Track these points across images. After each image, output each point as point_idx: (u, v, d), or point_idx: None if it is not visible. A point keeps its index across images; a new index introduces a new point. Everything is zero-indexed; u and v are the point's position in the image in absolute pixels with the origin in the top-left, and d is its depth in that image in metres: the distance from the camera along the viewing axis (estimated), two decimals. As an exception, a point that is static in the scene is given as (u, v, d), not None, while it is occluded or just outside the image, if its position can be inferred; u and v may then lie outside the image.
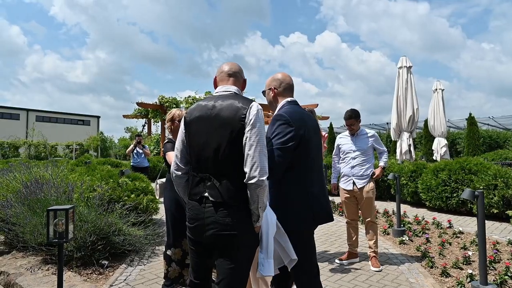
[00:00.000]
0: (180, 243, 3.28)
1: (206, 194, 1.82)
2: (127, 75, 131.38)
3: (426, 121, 17.54)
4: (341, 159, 4.29)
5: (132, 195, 4.83)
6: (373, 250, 4.03)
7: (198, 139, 1.87)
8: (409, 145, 10.01)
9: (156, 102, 16.11)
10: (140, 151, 8.38)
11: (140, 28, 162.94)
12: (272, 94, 2.34)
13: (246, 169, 1.74)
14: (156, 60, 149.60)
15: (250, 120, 1.78)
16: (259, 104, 1.93)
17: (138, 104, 15.80)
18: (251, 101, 1.89)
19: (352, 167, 4.11)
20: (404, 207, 7.70)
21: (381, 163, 4.28)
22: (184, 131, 1.97)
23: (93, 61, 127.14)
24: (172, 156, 3.44)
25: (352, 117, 4.12)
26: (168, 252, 3.25)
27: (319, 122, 4.32)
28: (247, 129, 1.77)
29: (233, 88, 1.99)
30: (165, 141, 3.54)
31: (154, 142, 17.77)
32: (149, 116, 16.84)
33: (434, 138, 12.18)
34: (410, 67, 10.71)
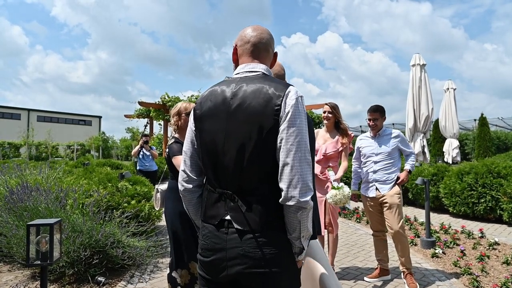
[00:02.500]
0: (187, 265, 2.73)
1: (228, 217, 1.30)
2: (128, 76, 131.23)
3: (435, 122, 17.04)
4: (362, 163, 3.76)
5: (133, 201, 4.34)
6: (405, 267, 3.47)
7: (213, 141, 1.34)
8: (423, 147, 9.52)
9: (158, 102, 15.62)
10: (147, 152, 7.31)
11: (142, 29, 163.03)
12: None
13: (282, 185, 1.23)
14: (157, 60, 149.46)
15: (287, 113, 1.24)
16: None
17: (140, 103, 15.31)
18: (288, 85, 1.33)
19: (375, 171, 3.57)
20: (422, 212, 7.17)
21: (407, 166, 3.66)
22: (193, 129, 1.44)
23: (95, 61, 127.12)
24: (180, 161, 2.91)
25: (378, 110, 3.60)
26: (174, 274, 2.72)
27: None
28: (282, 126, 1.24)
29: (261, 67, 1.41)
30: (171, 142, 2.97)
31: (156, 142, 17.27)
32: (151, 115, 16.34)
33: (443, 139, 11.71)
34: (424, 65, 10.22)
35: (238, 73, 1.43)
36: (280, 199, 1.24)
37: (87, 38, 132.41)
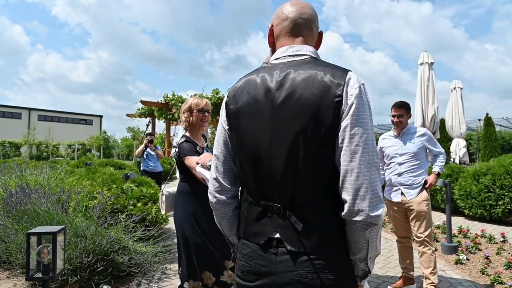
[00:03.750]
0: (199, 275, 2.48)
1: (278, 235, 1.07)
2: (129, 75, 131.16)
3: (441, 122, 16.83)
4: (385, 164, 3.50)
5: (139, 204, 4.09)
6: (431, 281, 3.15)
7: (255, 143, 1.09)
8: (433, 147, 9.31)
9: (161, 100, 15.39)
10: (152, 152, 6.87)
11: (142, 28, 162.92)
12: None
13: (346, 196, 0.99)
14: (158, 60, 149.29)
15: (350, 106, 1.00)
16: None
17: (142, 102, 15.06)
18: (346, 70, 1.07)
19: (399, 174, 3.30)
20: (437, 215, 6.94)
21: (435, 168, 3.38)
22: (226, 128, 1.19)
23: (95, 61, 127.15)
24: (193, 162, 2.63)
25: (404, 106, 3.34)
26: (186, 286, 2.47)
27: None
28: (344, 122, 0.99)
29: (308, 49, 1.15)
30: (181, 141, 2.72)
31: (159, 141, 17.03)
32: (154, 114, 16.10)
33: (449, 139, 11.48)
34: (432, 63, 9.99)
35: (278, 58, 1.16)
36: (343, 213, 1.00)
37: (88, 38, 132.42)
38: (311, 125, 1.01)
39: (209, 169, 2.10)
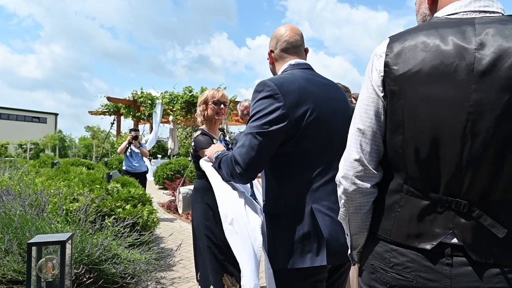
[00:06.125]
0: (220, 279, 2.25)
1: (455, 240, 0.83)
2: (85, 72, 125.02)
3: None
4: None
5: (128, 206, 3.68)
6: None
7: (439, 115, 0.85)
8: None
9: (128, 97, 14.57)
10: (137, 150, 6.28)
11: (100, 23, 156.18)
12: (270, 61, 1.57)
13: None
14: (117, 57, 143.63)
15: None
16: None
17: (108, 98, 14.14)
18: None
19: None
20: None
21: None
22: (381, 94, 0.93)
23: (48, 55, 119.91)
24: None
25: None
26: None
27: None
28: None
29: (499, 6, 0.93)
30: (197, 134, 2.51)
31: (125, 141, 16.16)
32: (120, 112, 15.20)
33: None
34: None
35: (456, 13, 0.92)
36: None
37: (40, 31, 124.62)
38: None
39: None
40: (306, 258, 1.32)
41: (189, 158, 13.53)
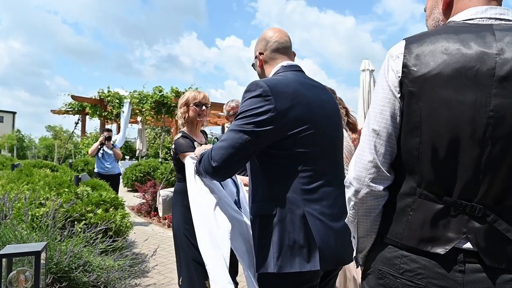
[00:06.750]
0: (203, 283, 2.21)
1: (468, 245, 0.83)
2: (46, 69, 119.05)
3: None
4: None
5: (99, 211, 3.50)
6: None
7: (459, 119, 0.84)
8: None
9: (95, 96, 13.99)
10: (109, 151, 6.04)
11: (63, 18, 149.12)
12: (259, 64, 1.56)
13: None
14: (81, 54, 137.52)
15: None
16: None
17: (73, 97, 13.48)
18: None
19: None
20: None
21: None
22: (398, 95, 0.92)
23: (4, 50, 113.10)
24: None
25: None
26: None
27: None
28: None
29: None
30: (177, 136, 2.46)
31: (93, 142, 15.48)
32: (85, 111, 14.55)
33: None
34: (372, 70, 10.65)
35: (473, 19, 0.93)
36: None
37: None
38: None
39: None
40: (295, 262, 1.29)
41: (159, 160, 13.19)
